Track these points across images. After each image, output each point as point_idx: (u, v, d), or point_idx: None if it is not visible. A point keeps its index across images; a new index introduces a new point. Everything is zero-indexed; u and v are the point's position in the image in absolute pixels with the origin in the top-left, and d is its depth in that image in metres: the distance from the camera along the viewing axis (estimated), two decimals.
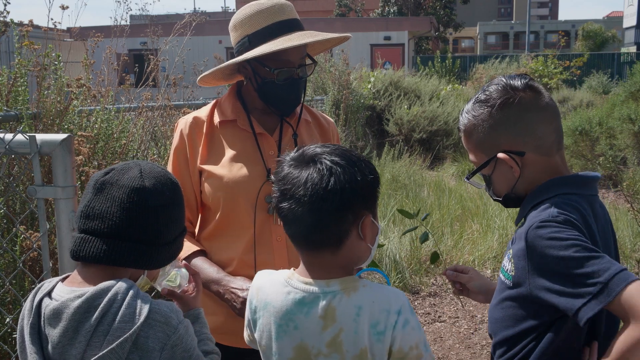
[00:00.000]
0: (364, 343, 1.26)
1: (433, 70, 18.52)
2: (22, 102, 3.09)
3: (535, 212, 1.38)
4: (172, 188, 1.32)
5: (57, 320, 1.22)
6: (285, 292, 1.33)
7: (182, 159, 1.89)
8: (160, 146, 4.40)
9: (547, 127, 1.44)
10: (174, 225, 1.32)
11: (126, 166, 1.31)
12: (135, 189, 1.26)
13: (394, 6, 35.24)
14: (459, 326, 4.34)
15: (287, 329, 1.32)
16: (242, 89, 1.94)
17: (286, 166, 1.31)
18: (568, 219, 1.30)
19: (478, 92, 1.52)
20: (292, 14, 1.84)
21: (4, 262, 2.72)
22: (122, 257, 1.25)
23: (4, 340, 2.56)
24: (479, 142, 1.48)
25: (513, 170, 1.45)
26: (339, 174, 1.26)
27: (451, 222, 6.35)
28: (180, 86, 5.14)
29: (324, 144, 1.36)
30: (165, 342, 1.22)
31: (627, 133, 8.60)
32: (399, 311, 1.27)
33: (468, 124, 1.50)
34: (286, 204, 1.28)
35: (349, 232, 1.29)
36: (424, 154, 10.35)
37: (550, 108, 1.45)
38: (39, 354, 1.23)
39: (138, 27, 16.09)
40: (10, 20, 3.56)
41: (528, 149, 1.43)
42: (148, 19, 11.14)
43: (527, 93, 1.44)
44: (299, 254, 1.36)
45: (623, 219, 6.23)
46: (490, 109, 1.44)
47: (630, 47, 37.29)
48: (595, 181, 1.46)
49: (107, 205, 1.25)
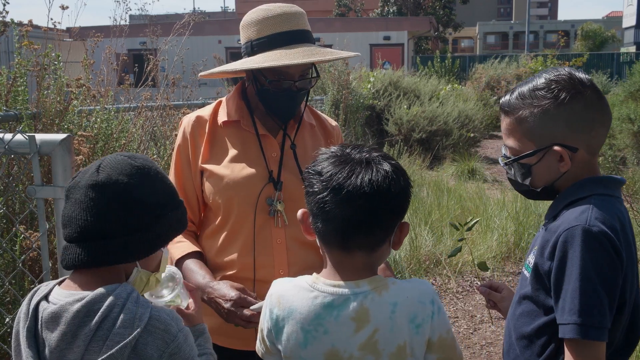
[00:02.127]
0: (403, 339, 1.27)
1: (432, 70, 18.51)
2: (22, 102, 3.09)
3: (571, 211, 1.37)
4: (130, 172, 1.25)
5: (56, 324, 1.20)
6: (311, 297, 1.31)
7: (185, 158, 1.88)
8: (159, 146, 4.41)
9: (603, 129, 1.43)
10: (140, 208, 1.26)
11: (89, 166, 1.29)
12: (89, 186, 1.23)
13: (394, 6, 35.22)
14: (458, 326, 4.34)
15: (316, 334, 1.29)
16: (247, 89, 1.92)
17: (331, 163, 1.30)
18: (602, 232, 1.30)
19: (534, 79, 1.45)
20: (299, 24, 1.79)
21: (3, 262, 2.71)
22: (99, 258, 1.23)
23: (4, 340, 2.56)
24: (531, 130, 1.42)
25: (563, 164, 1.41)
26: (399, 178, 1.29)
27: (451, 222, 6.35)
28: (179, 86, 5.14)
29: (370, 146, 1.37)
30: (164, 350, 1.20)
31: (626, 133, 8.61)
32: (432, 301, 1.31)
33: (523, 111, 1.42)
34: (336, 199, 1.25)
35: (390, 236, 1.31)
36: (423, 154, 10.35)
37: (608, 111, 1.45)
38: (35, 358, 1.21)
39: (137, 27, 16.09)
40: (10, 20, 3.56)
41: (581, 146, 1.41)
42: (147, 19, 11.15)
43: (592, 91, 1.41)
44: (328, 254, 1.34)
45: None
46: (554, 100, 1.39)
47: (630, 47, 37.30)
48: (621, 185, 1.47)
49: (72, 210, 1.24)
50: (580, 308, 1.27)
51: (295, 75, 1.77)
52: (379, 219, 1.26)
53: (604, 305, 1.28)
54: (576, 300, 1.27)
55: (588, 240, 1.29)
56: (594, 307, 1.27)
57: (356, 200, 1.24)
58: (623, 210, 1.41)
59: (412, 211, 6.60)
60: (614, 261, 1.30)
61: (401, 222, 1.33)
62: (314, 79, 1.85)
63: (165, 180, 1.33)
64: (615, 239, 1.30)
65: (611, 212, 1.35)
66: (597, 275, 1.28)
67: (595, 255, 1.28)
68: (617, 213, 1.37)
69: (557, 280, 1.32)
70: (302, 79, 1.80)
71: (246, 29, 1.81)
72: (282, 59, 1.70)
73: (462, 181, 8.86)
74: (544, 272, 1.36)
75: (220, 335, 1.82)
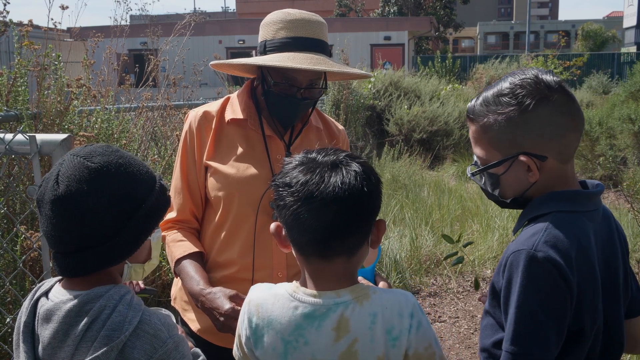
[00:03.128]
0: (381, 350, 1.24)
1: (433, 70, 18.51)
2: (22, 102, 3.09)
3: (526, 231, 1.31)
4: (89, 178, 1.18)
5: (49, 321, 1.21)
6: (292, 307, 1.28)
7: (190, 153, 1.87)
8: (160, 146, 4.41)
9: (575, 134, 1.33)
10: (110, 211, 1.19)
11: (50, 174, 1.23)
12: (52, 201, 1.19)
13: (394, 6, 35.23)
14: (459, 326, 4.34)
15: (296, 345, 1.26)
16: (256, 88, 1.91)
17: (299, 171, 1.25)
18: (547, 257, 1.22)
19: (500, 82, 1.36)
20: (316, 33, 1.76)
21: (4, 262, 2.71)
22: (84, 268, 1.21)
23: (4, 340, 2.56)
24: (496, 139, 1.34)
25: (531, 174, 1.33)
26: (370, 177, 1.25)
27: (451, 222, 6.35)
28: (180, 86, 5.15)
29: (334, 147, 1.33)
30: (151, 355, 1.18)
31: (627, 133, 8.60)
32: (411, 314, 1.26)
33: (487, 119, 1.34)
34: (309, 208, 1.22)
35: (367, 237, 1.29)
36: (424, 154, 10.35)
37: (580, 114, 1.34)
38: (29, 353, 1.21)
39: (138, 27, 16.09)
40: (10, 20, 3.56)
41: (551, 154, 1.31)
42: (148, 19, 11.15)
43: (560, 94, 1.31)
44: (305, 264, 1.31)
45: (623, 219, 6.22)
46: (518, 107, 1.29)
47: (630, 47, 37.29)
48: (598, 195, 1.37)
49: (46, 225, 1.21)
50: (514, 337, 1.22)
51: (302, 83, 1.75)
52: (356, 221, 1.23)
53: (547, 335, 1.22)
54: (512, 328, 1.23)
55: (530, 267, 1.22)
56: (529, 336, 1.21)
57: (330, 206, 1.20)
58: (587, 228, 1.31)
59: (412, 211, 6.61)
60: (560, 288, 1.22)
61: (377, 220, 1.30)
62: (322, 90, 1.82)
63: (129, 170, 1.24)
64: (563, 264, 1.22)
65: (569, 233, 1.27)
66: (540, 304, 1.22)
67: (537, 283, 1.22)
68: (577, 233, 1.28)
69: (505, 304, 1.28)
70: (310, 87, 1.78)
71: (264, 28, 1.80)
72: (287, 61, 1.68)
73: (463, 181, 8.85)
74: (499, 290, 1.32)
75: (219, 334, 1.81)
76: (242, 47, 21.08)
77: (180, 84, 5.14)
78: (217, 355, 1.79)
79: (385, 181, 7.91)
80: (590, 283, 1.28)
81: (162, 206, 1.30)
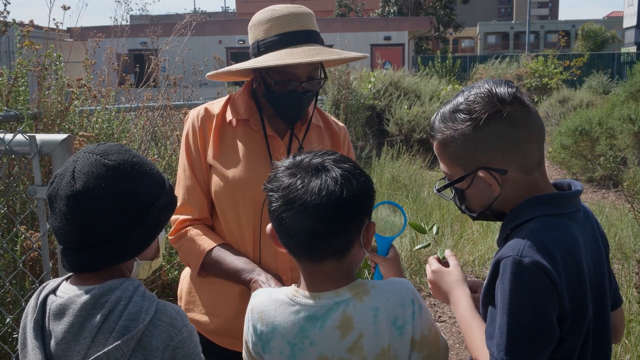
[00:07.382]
0: (387, 341, 1.28)
1: (433, 70, 18.52)
2: (23, 102, 3.09)
3: (513, 236, 1.31)
4: (106, 175, 1.21)
5: (63, 316, 1.22)
6: (293, 311, 1.31)
7: (195, 151, 1.86)
8: (160, 146, 4.41)
9: (534, 145, 1.32)
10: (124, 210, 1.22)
11: (64, 170, 1.25)
12: (68, 197, 1.20)
13: (394, 6, 35.23)
14: (459, 326, 4.34)
15: (302, 346, 1.29)
16: (255, 89, 1.90)
17: (285, 175, 1.28)
18: (534, 262, 1.22)
19: (457, 96, 1.37)
20: (306, 25, 1.77)
21: (4, 262, 2.71)
22: (95, 264, 1.24)
23: (4, 340, 2.56)
24: (455, 155, 1.35)
25: (492, 188, 1.33)
26: (352, 181, 1.26)
27: (451, 222, 6.35)
28: (180, 86, 5.15)
29: (321, 150, 1.34)
30: (168, 343, 1.22)
31: (627, 133, 8.60)
32: (412, 301, 1.31)
33: (444, 135, 1.35)
34: (291, 213, 1.24)
35: (355, 239, 1.30)
36: (423, 154, 10.35)
37: (538, 124, 1.33)
38: (41, 349, 1.22)
39: (138, 27, 16.10)
40: (12, 20, 3.56)
41: (511, 167, 1.31)
42: (148, 19, 11.14)
43: (514, 106, 1.30)
44: (299, 266, 1.34)
45: (623, 219, 6.23)
46: (472, 123, 1.30)
47: (630, 47, 37.28)
48: (577, 196, 1.37)
49: (58, 221, 1.23)
50: (507, 346, 1.22)
51: (302, 77, 1.76)
52: (337, 225, 1.25)
53: (539, 341, 1.22)
54: (503, 336, 1.22)
55: (518, 273, 1.22)
56: (521, 345, 1.21)
57: (310, 212, 1.22)
58: (572, 231, 1.31)
59: (413, 211, 6.61)
60: (549, 292, 1.23)
61: (367, 223, 1.32)
62: (322, 80, 1.83)
63: (143, 169, 1.28)
64: (550, 268, 1.22)
65: (553, 236, 1.27)
66: (531, 309, 1.22)
67: (526, 288, 1.22)
68: (561, 236, 1.28)
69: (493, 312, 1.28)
70: (310, 80, 1.79)
71: (254, 29, 1.80)
72: (286, 58, 1.68)
73: None
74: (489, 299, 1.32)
75: (222, 336, 1.82)
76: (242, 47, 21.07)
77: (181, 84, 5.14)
78: (222, 356, 1.80)
79: (385, 181, 7.90)
80: (579, 283, 1.29)
81: (172, 205, 1.35)
